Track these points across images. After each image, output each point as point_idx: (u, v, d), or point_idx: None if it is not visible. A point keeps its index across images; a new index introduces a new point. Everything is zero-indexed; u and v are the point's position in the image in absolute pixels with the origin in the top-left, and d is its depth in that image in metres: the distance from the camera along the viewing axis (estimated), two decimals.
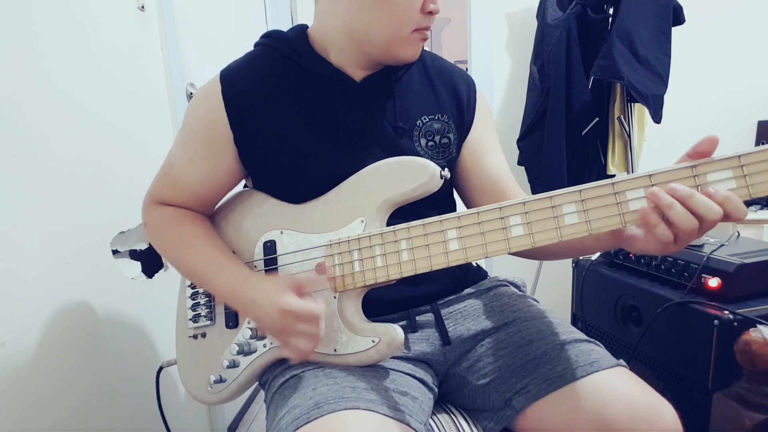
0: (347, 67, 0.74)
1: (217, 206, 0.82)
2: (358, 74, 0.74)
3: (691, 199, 0.50)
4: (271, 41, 0.76)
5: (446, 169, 0.67)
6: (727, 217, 0.50)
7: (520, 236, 0.58)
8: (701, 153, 0.52)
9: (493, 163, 0.79)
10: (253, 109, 0.72)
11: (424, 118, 0.76)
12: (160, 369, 0.97)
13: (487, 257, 0.59)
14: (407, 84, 0.77)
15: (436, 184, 0.65)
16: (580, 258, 1.35)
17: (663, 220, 0.52)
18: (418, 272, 0.63)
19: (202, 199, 0.78)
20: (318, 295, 0.68)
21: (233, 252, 0.76)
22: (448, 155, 0.77)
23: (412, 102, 0.76)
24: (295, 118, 0.72)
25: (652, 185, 0.53)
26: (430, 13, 0.68)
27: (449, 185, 0.83)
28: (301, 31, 0.76)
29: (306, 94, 0.73)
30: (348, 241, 0.67)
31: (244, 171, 0.78)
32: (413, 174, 0.66)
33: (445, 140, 0.77)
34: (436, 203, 0.76)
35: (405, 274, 0.63)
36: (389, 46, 0.69)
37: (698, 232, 0.52)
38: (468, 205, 0.82)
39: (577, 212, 0.55)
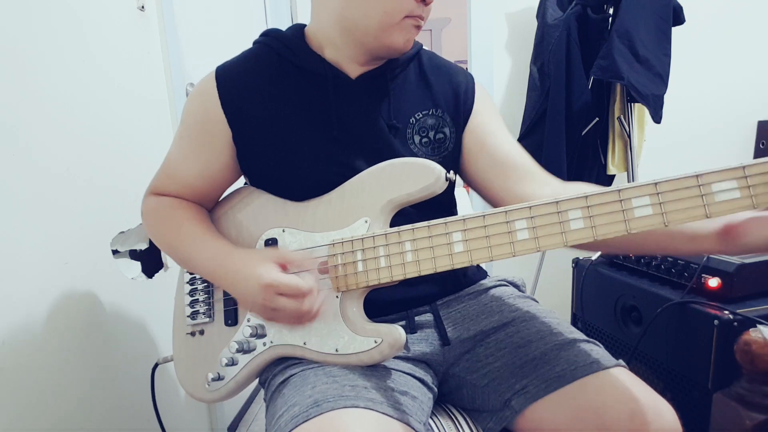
0: (343, 64, 0.74)
1: (218, 202, 0.82)
2: (353, 71, 0.74)
3: None
4: (268, 40, 0.76)
5: (452, 172, 0.67)
6: None
7: (524, 240, 0.58)
8: None
9: (501, 141, 0.77)
10: (247, 105, 0.72)
11: (418, 115, 0.76)
12: (156, 366, 0.97)
13: (492, 261, 0.60)
14: (403, 83, 0.77)
15: (441, 186, 0.65)
16: (580, 258, 1.35)
17: None
18: (422, 274, 0.62)
19: (198, 193, 0.78)
20: (308, 275, 0.68)
21: None
22: (443, 150, 0.77)
23: (406, 99, 0.76)
24: (289, 116, 0.72)
25: (658, 193, 0.53)
26: (424, 1, 0.68)
27: (451, 187, 0.82)
28: (298, 29, 0.76)
29: (301, 91, 0.73)
30: (351, 240, 0.67)
31: (239, 169, 0.78)
32: (418, 175, 0.66)
33: (440, 135, 0.76)
34: (438, 205, 0.76)
35: (408, 276, 0.63)
36: (381, 33, 0.68)
37: None
38: (486, 193, 0.79)
39: (583, 218, 0.55)
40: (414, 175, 0.66)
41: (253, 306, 0.66)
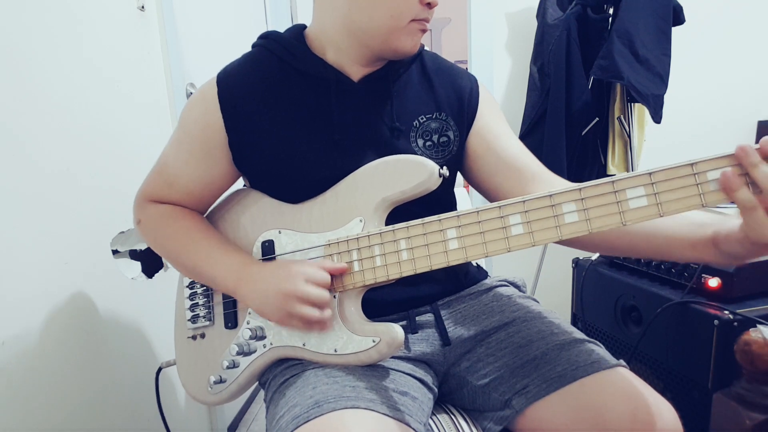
0: (345, 66, 0.74)
1: (214, 205, 0.82)
2: (356, 73, 0.74)
3: None
4: (268, 42, 0.75)
5: (445, 168, 0.66)
6: None
7: (519, 235, 0.58)
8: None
9: (507, 144, 0.77)
10: (249, 111, 0.72)
11: (421, 118, 0.76)
12: (159, 369, 0.97)
13: (487, 257, 0.59)
14: (405, 84, 0.77)
15: (435, 183, 0.65)
16: (580, 258, 1.35)
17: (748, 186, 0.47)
18: (418, 272, 0.62)
19: (197, 199, 0.78)
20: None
21: None
22: (447, 154, 0.77)
23: (409, 102, 0.76)
24: (291, 120, 0.72)
25: (652, 183, 0.52)
26: (429, 5, 0.68)
27: (448, 184, 0.82)
28: (297, 31, 0.76)
29: (302, 95, 0.73)
30: (347, 240, 0.67)
31: (238, 173, 0.78)
32: (411, 172, 0.66)
33: (444, 139, 0.76)
34: (435, 202, 0.76)
35: (405, 274, 0.63)
36: (388, 37, 0.68)
37: None
38: (492, 196, 0.79)
39: (577, 211, 0.55)
40: (407, 172, 0.66)
41: (272, 314, 0.67)
